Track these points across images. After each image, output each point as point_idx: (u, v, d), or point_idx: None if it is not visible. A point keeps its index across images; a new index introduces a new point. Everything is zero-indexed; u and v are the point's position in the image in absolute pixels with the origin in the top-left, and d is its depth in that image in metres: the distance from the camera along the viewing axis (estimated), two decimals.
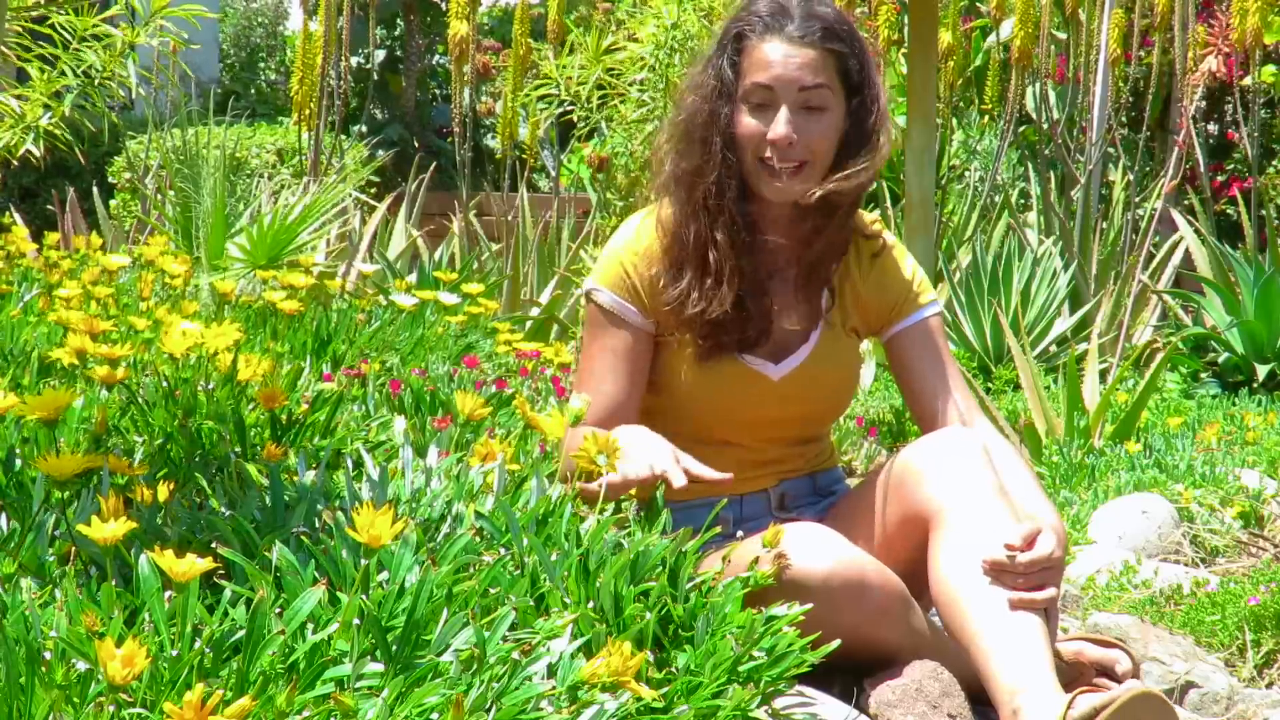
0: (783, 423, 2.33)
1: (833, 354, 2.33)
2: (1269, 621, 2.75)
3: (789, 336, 2.32)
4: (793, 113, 2.21)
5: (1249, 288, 5.75)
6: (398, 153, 9.52)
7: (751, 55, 2.24)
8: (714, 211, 2.25)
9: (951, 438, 2.19)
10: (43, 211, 8.68)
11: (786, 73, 2.21)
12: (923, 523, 2.15)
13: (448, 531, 1.89)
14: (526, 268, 6.27)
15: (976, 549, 2.05)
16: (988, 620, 2.00)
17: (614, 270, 2.30)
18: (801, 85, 2.21)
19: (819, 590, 2.02)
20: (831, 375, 2.33)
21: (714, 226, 2.25)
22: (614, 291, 2.29)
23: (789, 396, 2.31)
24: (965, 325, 6.00)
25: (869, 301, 2.36)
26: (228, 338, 2.37)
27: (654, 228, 2.31)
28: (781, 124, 2.21)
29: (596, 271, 2.33)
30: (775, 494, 2.37)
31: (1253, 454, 3.97)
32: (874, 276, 2.36)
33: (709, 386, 2.29)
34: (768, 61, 2.22)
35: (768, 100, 2.22)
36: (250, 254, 4.42)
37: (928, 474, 2.15)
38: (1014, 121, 6.99)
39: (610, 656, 1.59)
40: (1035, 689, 1.92)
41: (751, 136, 2.23)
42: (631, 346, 2.28)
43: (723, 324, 2.25)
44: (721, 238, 2.25)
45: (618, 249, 2.32)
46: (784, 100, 2.21)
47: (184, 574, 1.52)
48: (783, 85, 2.21)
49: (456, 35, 6.44)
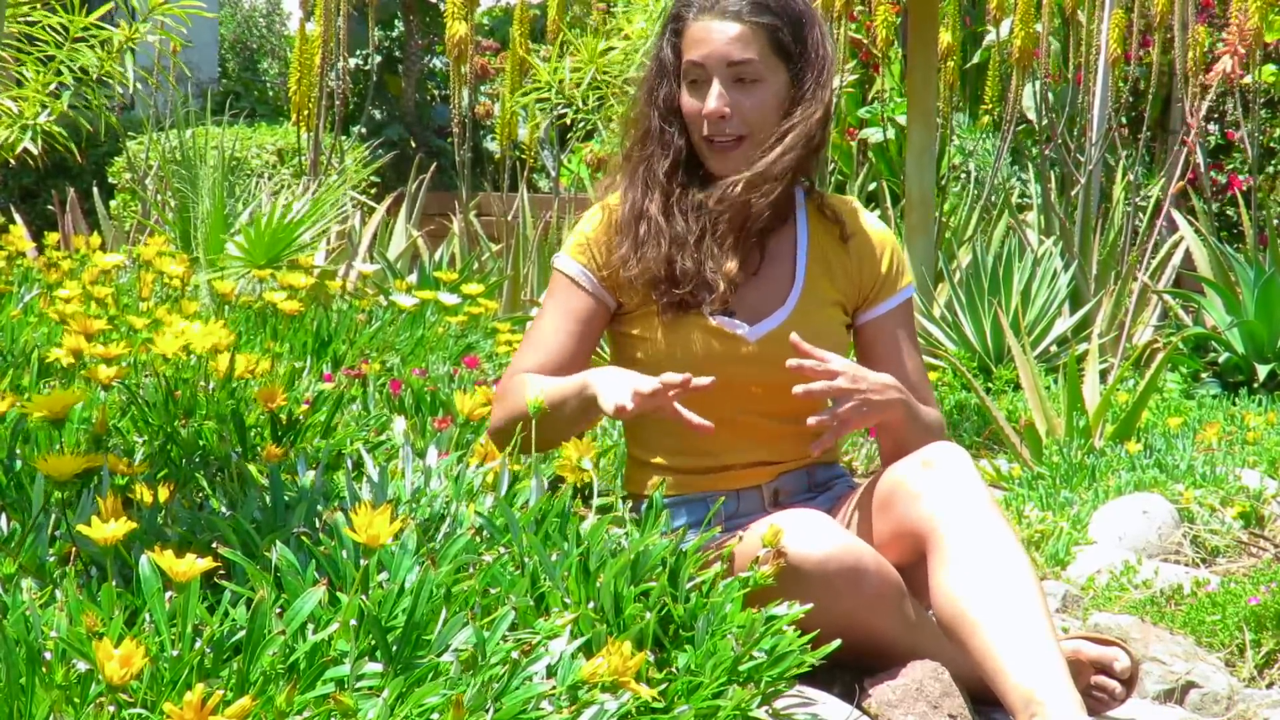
0: (769, 392, 2.32)
1: (812, 320, 2.34)
2: (1269, 621, 2.75)
3: (764, 300, 2.35)
4: (726, 87, 2.29)
5: (1249, 288, 5.75)
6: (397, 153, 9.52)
7: (687, 34, 2.32)
8: (649, 184, 2.35)
9: (942, 454, 2.20)
10: (43, 211, 8.68)
11: (716, 49, 2.29)
12: (916, 538, 2.16)
13: (447, 531, 1.89)
14: (527, 268, 6.28)
15: (978, 563, 2.06)
16: (998, 627, 2.00)
17: (577, 241, 2.40)
18: (729, 60, 2.28)
19: (816, 575, 2.04)
20: (811, 341, 2.32)
21: (648, 198, 2.34)
22: (576, 259, 2.38)
23: (769, 359, 2.30)
24: (965, 325, 6.00)
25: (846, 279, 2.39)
26: (215, 338, 2.37)
27: (609, 203, 2.41)
28: (712, 98, 2.28)
29: (564, 246, 2.43)
30: (769, 490, 2.37)
31: (1253, 454, 3.97)
32: (852, 259, 2.39)
33: (682, 349, 2.32)
34: (699, 40, 2.30)
35: (702, 77, 2.30)
36: (249, 254, 4.42)
37: (923, 492, 2.16)
38: (1014, 121, 6.99)
39: (610, 656, 1.59)
40: (1053, 698, 1.93)
41: (692, 114, 2.32)
42: (584, 311, 2.36)
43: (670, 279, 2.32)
44: (654, 208, 2.33)
45: (582, 223, 2.43)
46: (715, 75, 2.29)
47: (184, 574, 1.52)
48: (713, 61, 2.29)
49: (455, 36, 6.44)
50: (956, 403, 5.13)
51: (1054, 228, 6.84)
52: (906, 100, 6.18)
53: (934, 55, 6.09)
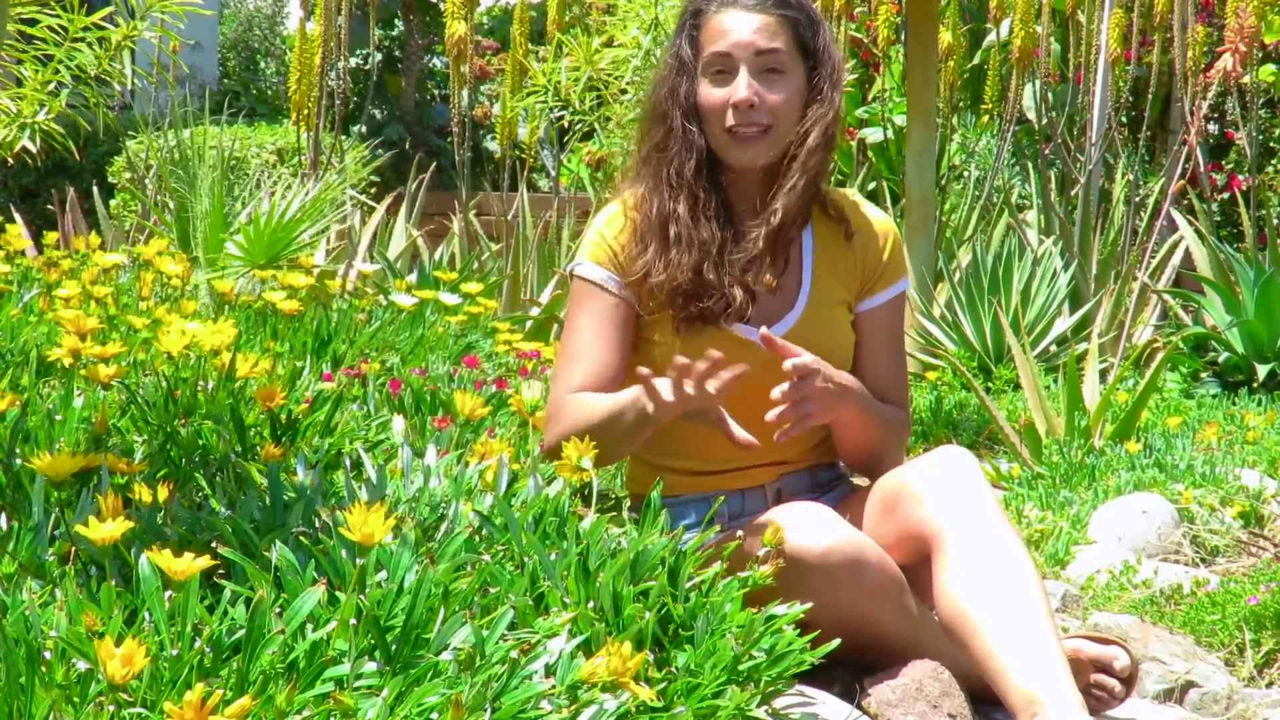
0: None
1: (820, 322, 2.35)
2: (1269, 621, 2.75)
3: (774, 305, 2.35)
4: (752, 76, 2.28)
5: (1249, 287, 5.75)
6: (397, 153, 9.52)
7: (708, 27, 2.32)
8: (675, 186, 2.33)
9: (947, 457, 2.20)
10: (43, 211, 8.67)
11: (743, 38, 2.29)
12: (920, 540, 2.16)
13: (446, 530, 1.89)
14: (526, 267, 6.27)
15: (981, 565, 2.06)
16: (1001, 628, 2.00)
17: (595, 245, 2.37)
18: (758, 49, 2.28)
19: (817, 567, 2.05)
20: (821, 343, 2.33)
21: (675, 200, 2.32)
22: (596, 263, 2.35)
23: (779, 363, 2.30)
24: (965, 325, 6.00)
25: (850, 274, 2.40)
26: (223, 336, 2.36)
27: (628, 206, 2.38)
28: (742, 87, 2.28)
29: (579, 251, 2.40)
30: (772, 490, 2.38)
31: (1253, 454, 3.97)
32: (855, 252, 2.40)
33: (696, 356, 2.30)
34: (724, 30, 2.30)
35: (727, 67, 2.29)
36: (249, 253, 4.42)
37: (926, 495, 2.16)
38: (1013, 121, 6.99)
39: (610, 657, 1.59)
40: (1055, 698, 1.93)
41: (714, 106, 2.30)
42: (615, 314, 2.34)
43: (693, 293, 2.30)
44: (682, 210, 2.32)
45: (598, 225, 2.40)
46: (743, 64, 2.28)
47: (182, 572, 1.52)
48: (740, 49, 2.29)
49: (454, 36, 6.44)
50: (957, 402, 5.13)
51: (1054, 227, 6.84)
52: (906, 100, 6.17)
53: (934, 55, 6.09)
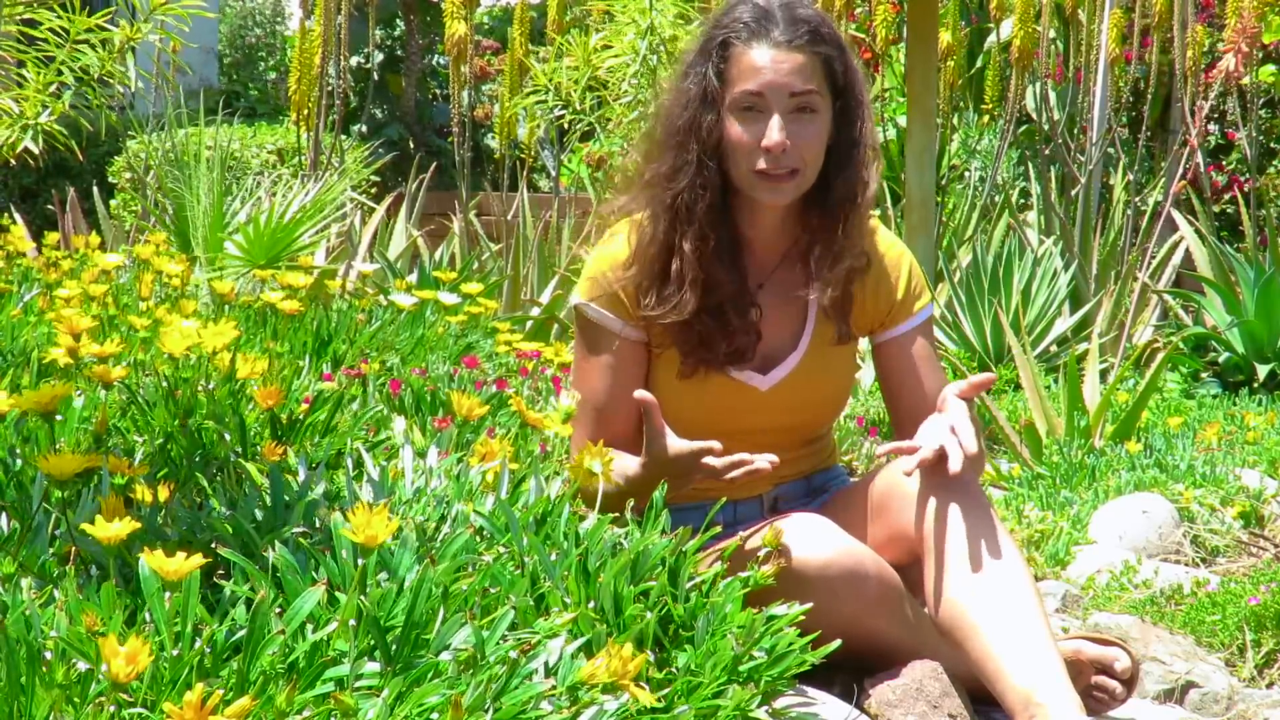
0: (775, 432, 2.31)
1: (822, 362, 2.32)
2: (1269, 621, 2.75)
3: (776, 346, 2.30)
4: (784, 118, 2.17)
5: (1249, 287, 5.75)
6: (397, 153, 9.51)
7: (739, 62, 2.19)
8: (683, 219, 2.23)
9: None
10: (43, 211, 8.67)
11: (777, 79, 2.17)
12: (912, 540, 2.16)
13: (448, 531, 1.89)
14: (527, 267, 6.27)
15: (974, 566, 2.06)
16: (996, 629, 2.01)
17: (595, 282, 2.29)
18: (792, 91, 2.17)
19: (818, 579, 2.04)
20: (822, 383, 2.32)
21: (682, 234, 2.23)
22: (597, 303, 2.29)
23: (779, 406, 2.30)
24: (965, 325, 6.00)
25: (860, 309, 2.34)
26: (225, 336, 2.36)
27: (628, 235, 2.29)
28: (775, 131, 2.16)
29: (581, 285, 2.32)
30: (768, 498, 2.38)
31: (1253, 454, 3.97)
32: (867, 285, 2.32)
33: (695, 400, 2.28)
34: (757, 68, 2.17)
35: (760, 106, 2.18)
36: (249, 253, 4.42)
37: (918, 495, 2.15)
38: (1014, 121, 6.99)
39: (610, 658, 1.59)
40: (1052, 699, 1.93)
41: (744, 145, 2.19)
42: (622, 357, 2.28)
43: (706, 341, 2.24)
44: (689, 246, 2.22)
45: (598, 259, 2.31)
46: (775, 107, 2.17)
47: (175, 572, 1.52)
48: (774, 91, 2.17)
49: (454, 35, 6.43)
50: None
51: (1054, 227, 6.84)
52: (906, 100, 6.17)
53: (934, 55, 6.09)
